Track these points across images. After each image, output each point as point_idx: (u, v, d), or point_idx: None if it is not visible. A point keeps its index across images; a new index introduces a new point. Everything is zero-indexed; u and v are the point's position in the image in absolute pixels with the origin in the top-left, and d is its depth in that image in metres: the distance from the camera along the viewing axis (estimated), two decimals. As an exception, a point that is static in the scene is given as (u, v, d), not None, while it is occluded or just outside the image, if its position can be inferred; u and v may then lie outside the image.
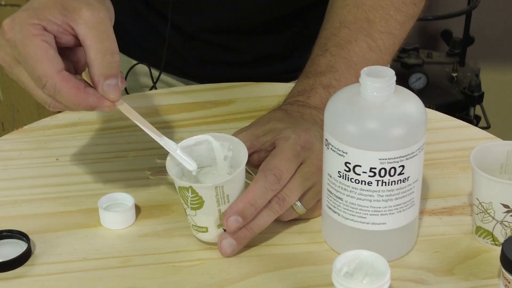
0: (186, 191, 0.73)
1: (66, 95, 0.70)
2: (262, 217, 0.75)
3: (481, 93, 2.17)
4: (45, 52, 0.70)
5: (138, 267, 0.75)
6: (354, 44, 0.88)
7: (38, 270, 0.75)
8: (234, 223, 0.73)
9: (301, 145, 0.76)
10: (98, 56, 0.71)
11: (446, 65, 2.26)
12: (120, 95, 0.72)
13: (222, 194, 0.73)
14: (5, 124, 2.21)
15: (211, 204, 0.73)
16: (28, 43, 0.70)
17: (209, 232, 0.75)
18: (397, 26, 0.90)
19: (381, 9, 0.90)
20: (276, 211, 0.75)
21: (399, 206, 0.72)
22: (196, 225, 0.75)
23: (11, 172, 0.90)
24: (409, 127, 0.69)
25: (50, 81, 0.70)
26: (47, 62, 0.70)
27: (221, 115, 1.01)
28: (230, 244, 0.75)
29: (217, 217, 0.74)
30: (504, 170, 0.79)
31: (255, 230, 0.75)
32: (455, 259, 0.75)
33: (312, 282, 0.73)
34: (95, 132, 0.97)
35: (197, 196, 0.72)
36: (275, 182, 0.74)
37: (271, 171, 0.74)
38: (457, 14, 2.16)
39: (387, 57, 0.90)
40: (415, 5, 0.92)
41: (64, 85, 0.70)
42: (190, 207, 0.74)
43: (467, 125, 0.99)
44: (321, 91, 0.84)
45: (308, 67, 0.89)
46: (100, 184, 0.87)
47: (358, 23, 0.89)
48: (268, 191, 0.74)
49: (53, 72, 0.70)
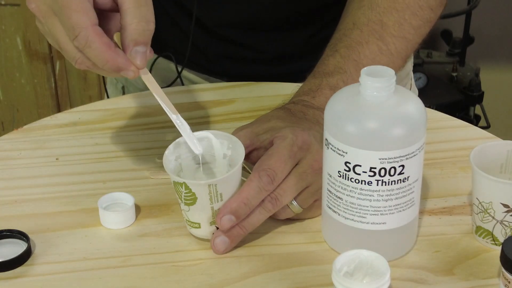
0: (180, 187, 0.73)
1: (97, 49, 0.70)
2: (255, 216, 0.75)
3: (481, 93, 2.17)
4: (82, 3, 0.70)
5: (138, 266, 0.75)
6: (365, 47, 0.87)
7: (38, 270, 0.75)
8: (227, 222, 0.73)
9: (298, 146, 0.76)
10: (133, 21, 0.71)
11: (446, 64, 2.26)
12: (146, 63, 0.73)
13: (215, 193, 0.73)
14: (5, 124, 2.21)
15: (204, 202, 0.73)
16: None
17: (202, 228, 0.76)
18: (411, 31, 0.89)
19: (396, 12, 0.89)
20: (268, 210, 0.75)
21: (399, 206, 0.72)
22: (190, 220, 0.76)
23: (11, 172, 0.90)
24: (409, 127, 0.69)
25: (84, 33, 0.70)
26: (83, 13, 0.70)
27: (221, 114, 1.01)
28: (223, 242, 0.75)
29: (210, 215, 0.75)
30: (504, 170, 0.79)
31: (248, 228, 0.75)
32: (455, 259, 0.75)
33: (312, 282, 0.73)
34: (95, 132, 0.97)
35: (191, 192, 0.73)
36: (268, 183, 0.74)
37: (265, 172, 0.74)
38: (457, 14, 2.16)
39: (398, 61, 0.89)
40: (432, 10, 0.91)
41: (97, 39, 0.70)
42: (183, 203, 0.75)
43: (467, 125, 0.99)
44: (327, 92, 0.84)
45: (317, 67, 0.88)
46: (100, 184, 0.87)
47: (371, 25, 0.88)
48: (261, 191, 0.74)
49: (88, 24, 0.70)
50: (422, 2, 0.90)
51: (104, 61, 0.71)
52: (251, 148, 0.78)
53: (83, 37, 0.70)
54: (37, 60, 2.10)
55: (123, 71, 0.72)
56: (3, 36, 2.06)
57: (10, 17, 2.02)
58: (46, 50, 2.08)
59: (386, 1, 0.89)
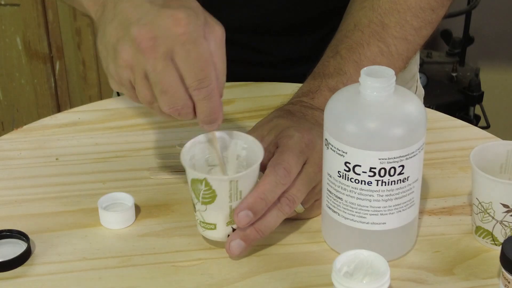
0: (200, 184, 0.72)
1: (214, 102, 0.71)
2: (272, 218, 0.74)
3: (481, 93, 2.17)
4: (210, 57, 0.70)
5: (138, 266, 0.75)
6: (366, 48, 0.87)
7: (38, 270, 0.75)
8: (245, 218, 0.73)
9: (305, 143, 0.76)
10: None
11: (446, 64, 2.26)
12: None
13: (235, 190, 0.72)
14: (5, 124, 2.21)
15: (223, 199, 0.73)
16: (200, 44, 0.69)
17: (217, 230, 0.75)
18: (412, 32, 0.89)
19: (397, 13, 0.89)
20: (286, 212, 0.75)
21: (399, 206, 0.72)
22: (205, 221, 0.75)
23: (11, 172, 0.90)
24: (408, 127, 0.69)
25: (210, 86, 0.70)
26: (213, 67, 0.70)
27: (221, 115, 1.01)
28: (239, 245, 0.74)
29: (227, 214, 0.74)
30: (504, 170, 0.79)
31: (264, 231, 0.74)
32: (455, 259, 0.75)
33: (312, 282, 0.73)
34: (95, 132, 0.97)
35: (210, 189, 0.72)
36: (285, 176, 0.73)
37: (281, 165, 0.73)
38: (457, 14, 2.16)
39: (399, 62, 0.89)
40: (433, 11, 0.91)
41: (216, 94, 0.71)
42: (201, 202, 0.73)
43: (466, 125, 0.99)
44: (326, 93, 0.84)
45: (317, 68, 0.88)
46: (100, 184, 0.87)
47: (372, 27, 0.88)
48: (278, 185, 0.73)
49: (214, 78, 0.70)
50: (424, 3, 0.90)
51: (211, 113, 0.71)
52: None
53: (207, 91, 0.70)
54: (37, 60, 2.10)
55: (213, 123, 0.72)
56: (3, 36, 2.06)
57: (10, 17, 2.02)
58: (46, 50, 2.09)
59: (387, 2, 0.89)
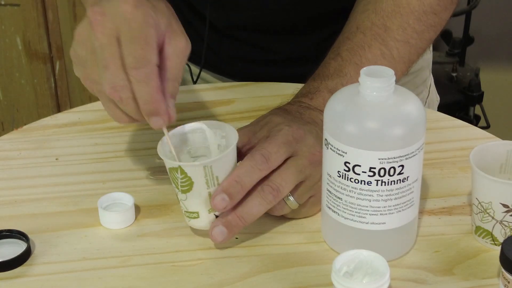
0: (176, 172, 0.73)
1: (152, 88, 0.71)
2: (255, 206, 0.74)
3: (481, 93, 2.17)
4: (155, 43, 0.71)
5: (138, 266, 0.75)
6: (367, 50, 0.87)
7: (38, 270, 0.75)
8: (221, 202, 0.73)
9: (294, 137, 0.76)
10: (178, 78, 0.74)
11: (446, 64, 2.26)
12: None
13: (211, 175, 0.73)
14: (5, 124, 2.21)
15: (201, 186, 0.73)
16: (146, 26, 0.70)
17: (200, 218, 0.75)
18: (415, 35, 0.89)
19: (400, 16, 0.89)
20: (269, 201, 0.75)
21: (399, 206, 0.72)
22: (188, 210, 0.76)
23: (11, 172, 0.90)
24: (408, 127, 0.69)
25: (147, 68, 0.70)
26: (153, 51, 0.71)
27: (221, 114, 1.01)
28: (221, 232, 0.74)
29: (208, 200, 0.74)
30: (504, 170, 0.79)
31: (247, 219, 0.75)
32: (454, 259, 0.75)
33: (311, 282, 0.73)
34: (95, 132, 0.97)
35: (186, 176, 0.73)
36: (262, 162, 0.74)
37: (258, 151, 0.74)
38: (457, 14, 2.16)
39: (400, 66, 0.89)
40: (436, 15, 0.91)
41: (155, 78, 0.71)
42: (180, 190, 0.74)
43: (466, 125, 0.99)
44: (325, 94, 0.84)
45: (318, 70, 0.89)
46: (100, 184, 0.87)
47: (375, 29, 0.88)
48: (254, 170, 0.74)
49: (154, 62, 0.71)
50: (427, 7, 0.90)
51: (150, 100, 0.71)
52: (248, 146, 0.78)
53: (144, 72, 0.70)
54: (37, 60, 2.10)
55: (155, 117, 0.73)
56: (3, 36, 2.06)
57: (10, 17, 2.02)
58: (46, 50, 2.08)
59: (390, 5, 0.89)
